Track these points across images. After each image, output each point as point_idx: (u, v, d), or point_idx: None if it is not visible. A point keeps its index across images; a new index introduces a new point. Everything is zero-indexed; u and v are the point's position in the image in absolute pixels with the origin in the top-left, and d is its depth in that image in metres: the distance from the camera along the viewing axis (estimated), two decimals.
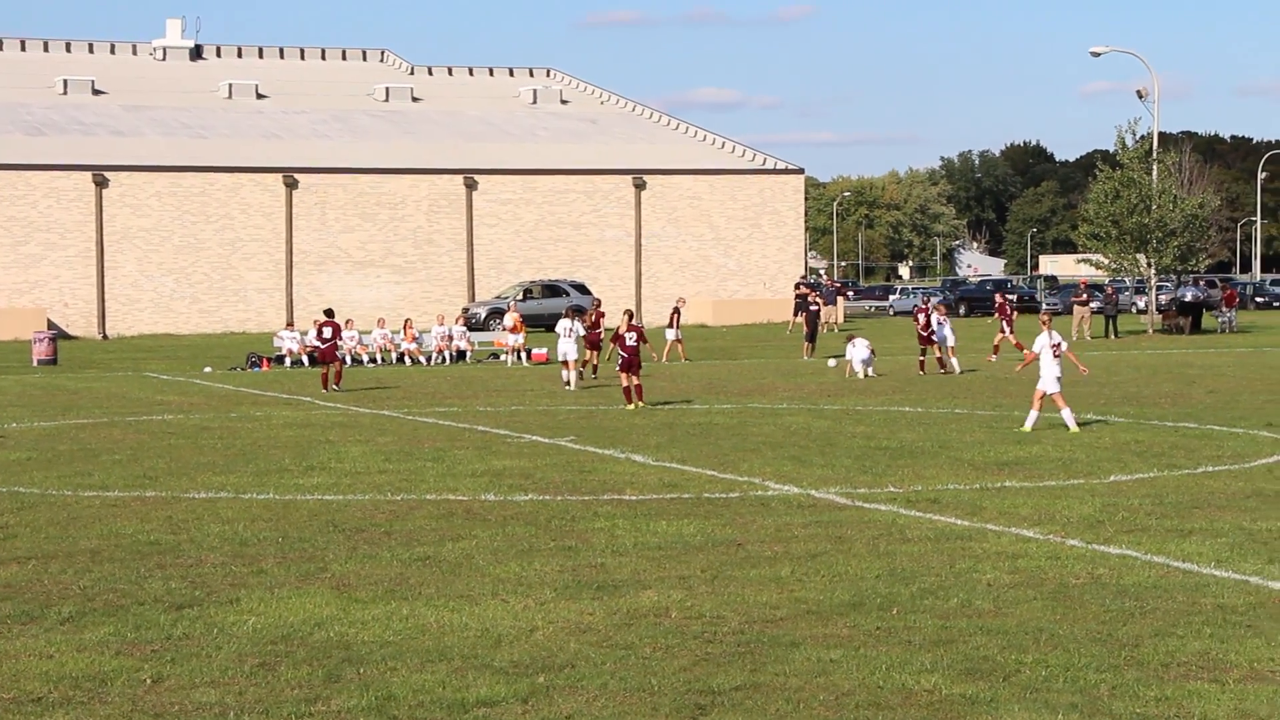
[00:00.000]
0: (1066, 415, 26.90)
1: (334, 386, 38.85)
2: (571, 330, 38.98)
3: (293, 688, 11.00)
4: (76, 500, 19.88)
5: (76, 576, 14.86)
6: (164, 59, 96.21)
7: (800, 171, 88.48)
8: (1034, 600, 13.41)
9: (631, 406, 32.19)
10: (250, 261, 77.55)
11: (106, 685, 11.08)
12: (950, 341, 43.30)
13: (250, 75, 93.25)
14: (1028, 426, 27.02)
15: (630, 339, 32.71)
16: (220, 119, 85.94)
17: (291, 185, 78.09)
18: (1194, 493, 19.57)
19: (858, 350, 41.17)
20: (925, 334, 42.66)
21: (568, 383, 38.54)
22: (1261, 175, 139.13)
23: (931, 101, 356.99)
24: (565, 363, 38.84)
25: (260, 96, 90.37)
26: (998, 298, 53.25)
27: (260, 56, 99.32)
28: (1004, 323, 48.96)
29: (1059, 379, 27.04)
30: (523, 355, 50.41)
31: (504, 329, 51.32)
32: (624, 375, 32.62)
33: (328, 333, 39.63)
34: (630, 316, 33.38)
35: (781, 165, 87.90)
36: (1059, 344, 27.26)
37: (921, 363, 42.73)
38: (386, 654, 11.84)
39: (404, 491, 20.38)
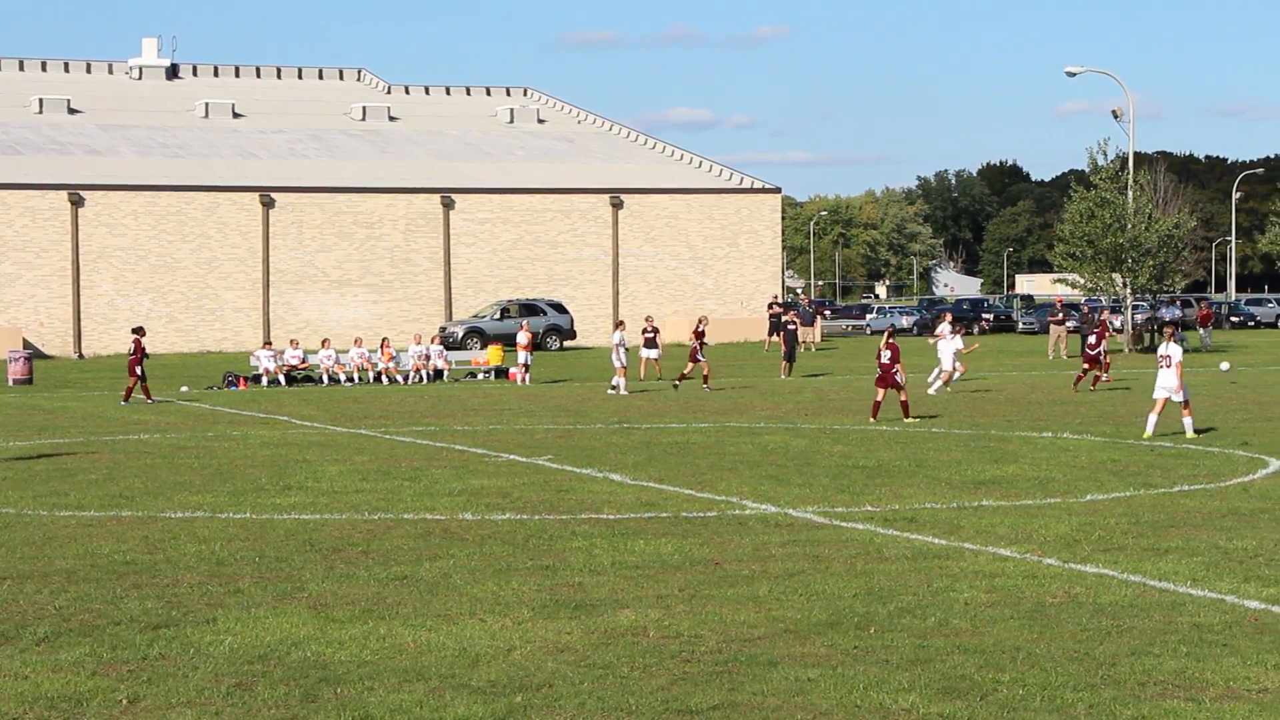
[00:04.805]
0: (1185, 421, 29.40)
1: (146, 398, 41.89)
2: (622, 342, 44.14)
3: (270, 708, 10.98)
4: (52, 520, 19.81)
5: (52, 596, 14.81)
6: (140, 78, 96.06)
7: (777, 191, 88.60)
8: (1011, 619, 13.44)
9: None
10: (227, 280, 77.41)
11: (82, 706, 11.04)
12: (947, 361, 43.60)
13: (226, 94, 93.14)
14: (1149, 432, 29.00)
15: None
16: (196, 138, 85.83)
17: (268, 204, 77.99)
18: (1170, 512, 19.62)
19: (946, 347, 42.42)
20: (1093, 353, 42.87)
21: (613, 389, 43.50)
22: (1236, 195, 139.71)
23: (908, 121, 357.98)
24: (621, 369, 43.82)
25: (237, 115, 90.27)
26: (1104, 314, 52.59)
27: (237, 76, 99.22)
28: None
29: (1166, 388, 29.09)
30: (524, 375, 50.02)
31: (519, 346, 51.25)
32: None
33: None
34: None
35: (758, 184, 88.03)
36: (1167, 356, 29.31)
37: (1078, 379, 42.70)
38: (364, 674, 11.82)
39: (381, 511, 20.35)
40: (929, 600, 14.23)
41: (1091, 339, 43.49)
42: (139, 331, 44.04)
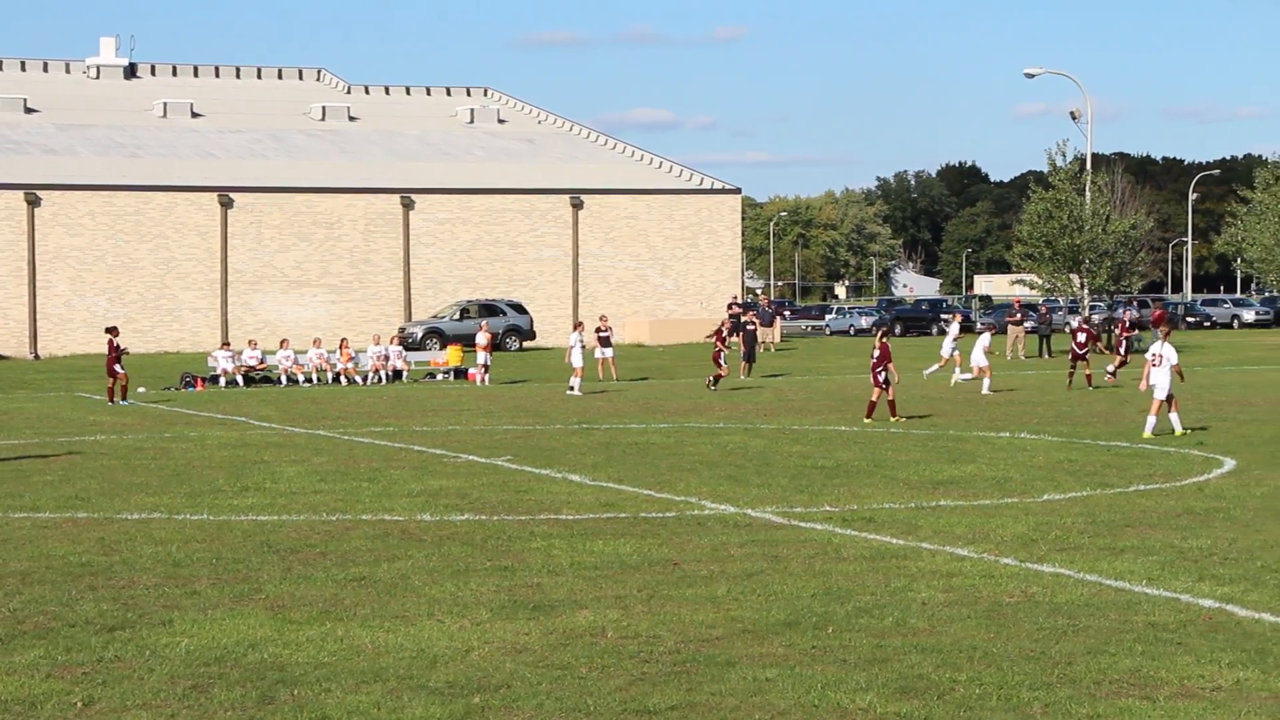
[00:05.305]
0: (1174, 419, 29.57)
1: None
2: (579, 341, 44.34)
3: (226, 710, 10.94)
4: (7, 522, 19.69)
5: (6, 599, 14.72)
6: (98, 77, 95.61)
7: (737, 191, 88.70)
8: (968, 618, 13.48)
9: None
10: (185, 281, 77.09)
11: (36, 708, 10.98)
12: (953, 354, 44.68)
13: (185, 94, 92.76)
14: (1147, 432, 29.20)
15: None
16: (154, 138, 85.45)
17: (227, 204, 77.71)
18: (1126, 511, 19.72)
19: (977, 344, 43.21)
20: (1081, 352, 44.13)
21: (571, 390, 43.32)
22: (1193, 196, 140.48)
23: (867, 122, 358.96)
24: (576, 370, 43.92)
25: (195, 115, 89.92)
26: (1125, 314, 55.20)
27: (195, 75, 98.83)
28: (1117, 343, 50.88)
29: (1160, 387, 29.33)
30: (483, 376, 49.98)
31: (478, 347, 51.07)
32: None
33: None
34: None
35: (718, 185, 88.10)
36: (1159, 355, 29.51)
37: (1070, 375, 44.10)
38: (321, 675, 11.79)
39: (339, 512, 20.30)
40: (887, 600, 14.27)
41: (1081, 338, 44.34)
42: (112, 331, 43.61)
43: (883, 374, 33.31)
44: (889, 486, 22.42)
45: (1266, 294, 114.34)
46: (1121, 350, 48.86)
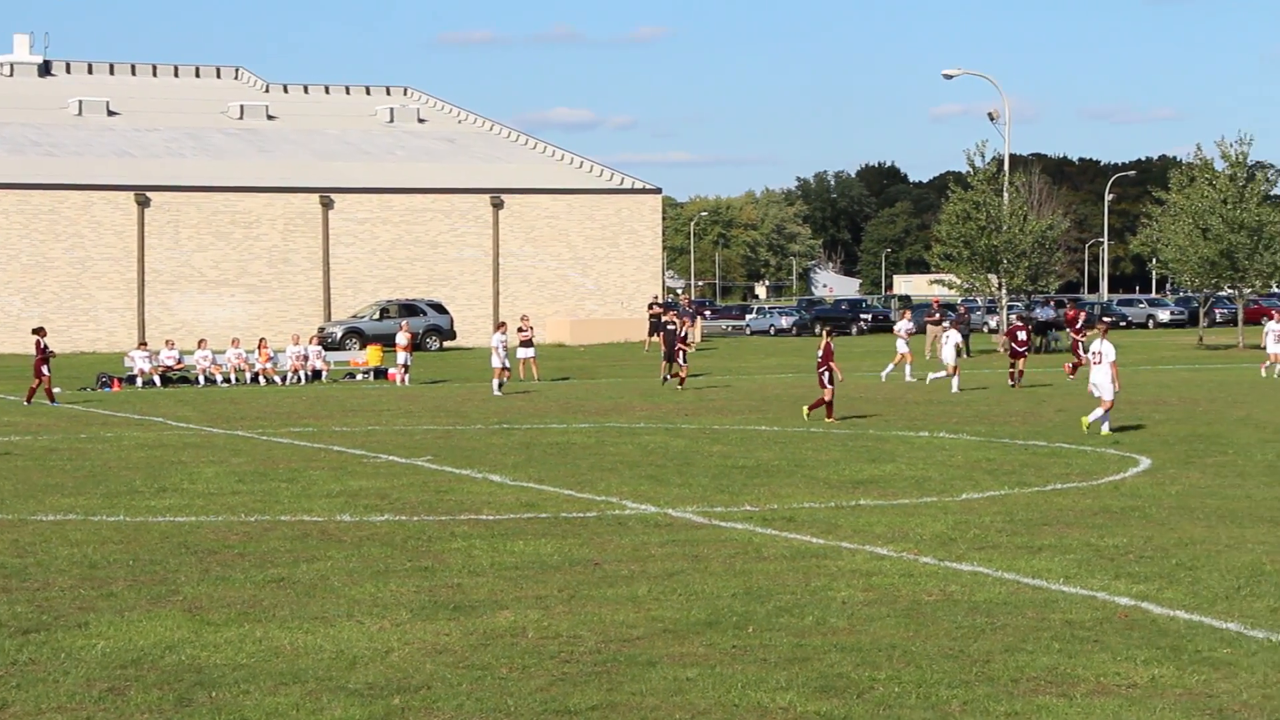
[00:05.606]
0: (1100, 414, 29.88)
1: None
2: (503, 342, 44.23)
3: (143, 712, 10.84)
4: None
5: None
6: (11, 75, 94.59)
7: (657, 191, 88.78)
8: (888, 617, 13.55)
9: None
10: (101, 280, 76.40)
11: None
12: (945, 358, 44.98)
13: (101, 92, 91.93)
14: (1104, 430, 29.57)
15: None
16: (70, 136, 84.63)
17: (144, 203, 77.05)
18: (1043, 510, 19.88)
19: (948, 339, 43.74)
20: (1020, 349, 44.92)
21: (498, 392, 43.21)
22: (1109, 197, 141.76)
23: (787, 122, 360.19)
24: (498, 370, 43.95)
25: (112, 114, 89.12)
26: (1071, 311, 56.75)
27: (111, 73, 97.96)
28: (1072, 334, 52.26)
29: (1098, 384, 29.84)
30: (403, 376, 49.80)
31: (398, 346, 50.86)
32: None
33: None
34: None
35: (639, 185, 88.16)
36: (1099, 353, 30.13)
37: (1011, 374, 44.54)
38: (239, 677, 11.71)
39: (258, 513, 20.17)
40: (807, 599, 14.32)
41: (1022, 335, 44.95)
42: (39, 332, 43.23)
43: (825, 373, 33.53)
44: (809, 486, 22.51)
45: (1181, 294, 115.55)
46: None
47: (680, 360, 44.92)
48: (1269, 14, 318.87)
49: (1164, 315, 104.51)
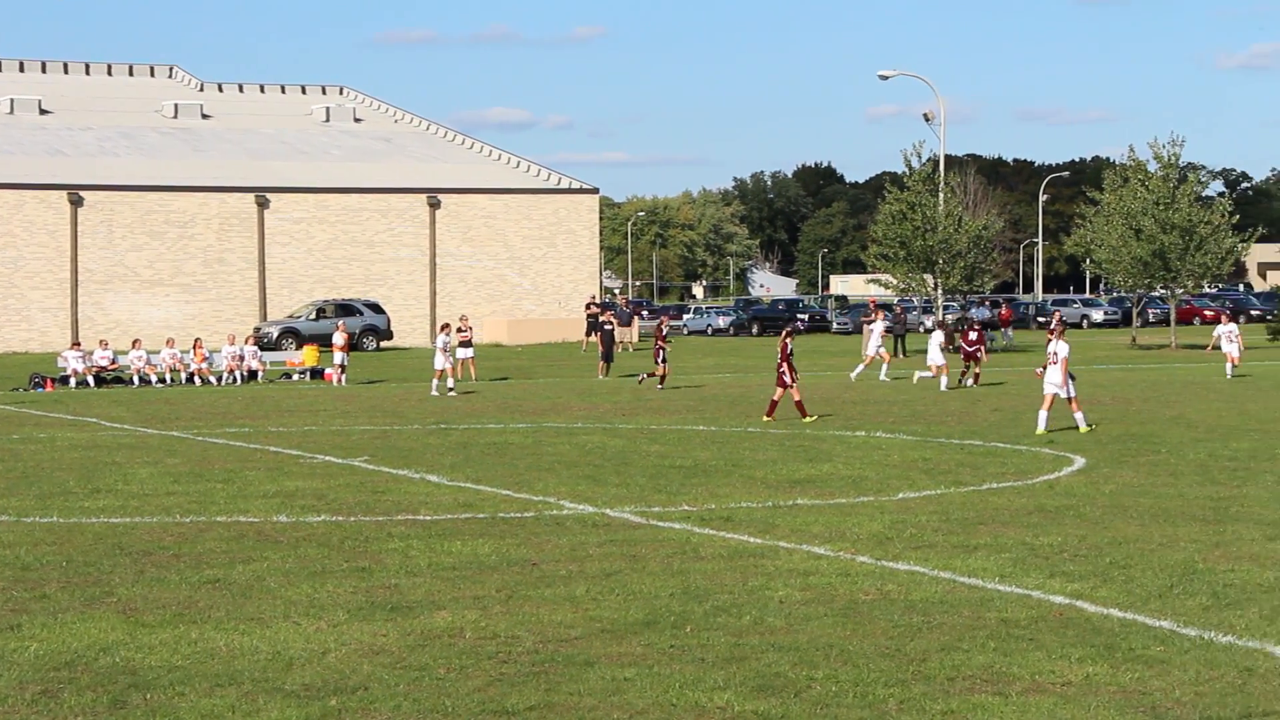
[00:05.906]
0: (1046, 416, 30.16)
1: None
2: (446, 344, 43.93)
3: (77, 715, 10.77)
4: None
5: None
6: None
7: (595, 191, 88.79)
8: (825, 617, 13.59)
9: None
10: (33, 280, 75.78)
11: None
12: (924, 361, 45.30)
13: (33, 90, 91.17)
14: (1041, 429, 29.79)
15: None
16: (1, 135, 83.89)
17: (76, 203, 76.47)
18: (979, 509, 19.99)
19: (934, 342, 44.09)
20: (971, 349, 45.22)
21: (450, 390, 43.47)
22: (1043, 197, 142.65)
23: (723, 122, 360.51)
24: (439, 372, 43.84)
25: (44, 112, 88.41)
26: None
27: (43, 71, 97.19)
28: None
29: (1053, 384, 30.23)
30: (339, 376, 49.60)
31: (334, 346, 50.59)
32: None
33: None
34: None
35: (576, 185, 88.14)
36: (1054, 353, 30.41)
37: (963, 374, 44.95)
38: (174, 679, 11.64)
39: (193, 514, 20.05)
40: (744, 599, 14.35)
41: (973, 335, 45.36)
42: None
43: (784, 374, 33.77)
44: (746, 485, 22.56)
45: (1114, 294, 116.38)
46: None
47: (659, 359, 44.91)
48: (1201, 17, 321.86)
49: (1098, 315, 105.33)
